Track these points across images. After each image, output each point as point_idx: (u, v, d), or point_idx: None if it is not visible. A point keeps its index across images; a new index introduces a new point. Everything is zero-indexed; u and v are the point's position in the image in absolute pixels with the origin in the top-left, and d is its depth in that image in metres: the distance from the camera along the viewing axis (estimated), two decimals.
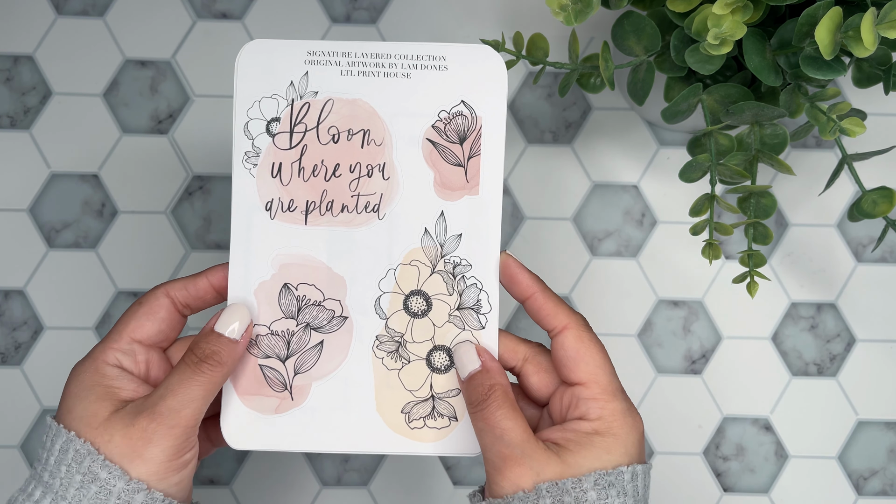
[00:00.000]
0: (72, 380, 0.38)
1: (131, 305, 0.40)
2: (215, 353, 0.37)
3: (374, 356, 0.40)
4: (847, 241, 0.55)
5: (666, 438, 0.54)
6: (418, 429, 0.40)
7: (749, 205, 0.42)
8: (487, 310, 0.41)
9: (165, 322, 0.39)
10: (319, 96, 0.40)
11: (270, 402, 0.40)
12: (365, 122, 0.40)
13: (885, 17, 0.34)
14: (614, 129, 0.55)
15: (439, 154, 0.40)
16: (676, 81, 0.45)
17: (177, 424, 0.36)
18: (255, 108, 0.40)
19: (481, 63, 0.40)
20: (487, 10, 0.56)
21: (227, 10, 0.56)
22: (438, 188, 0.40)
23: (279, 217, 0.40)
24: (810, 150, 0.55)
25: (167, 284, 0.40)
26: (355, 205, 0.40)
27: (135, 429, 0.36)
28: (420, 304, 0.41)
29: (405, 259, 0.40)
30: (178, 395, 0.36)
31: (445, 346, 0.41)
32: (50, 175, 0.55)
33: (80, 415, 0.36)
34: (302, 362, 0.40)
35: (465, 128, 0.40)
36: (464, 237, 0.40)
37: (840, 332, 0.55)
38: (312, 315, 0.40)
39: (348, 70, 0.40)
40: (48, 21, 0.55)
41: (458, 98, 0.40)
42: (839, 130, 0.39)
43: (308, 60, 0.40)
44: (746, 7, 0.37)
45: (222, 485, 0.54)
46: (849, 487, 0.54)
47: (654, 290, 0.55)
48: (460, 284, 0.40)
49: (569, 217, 0.55)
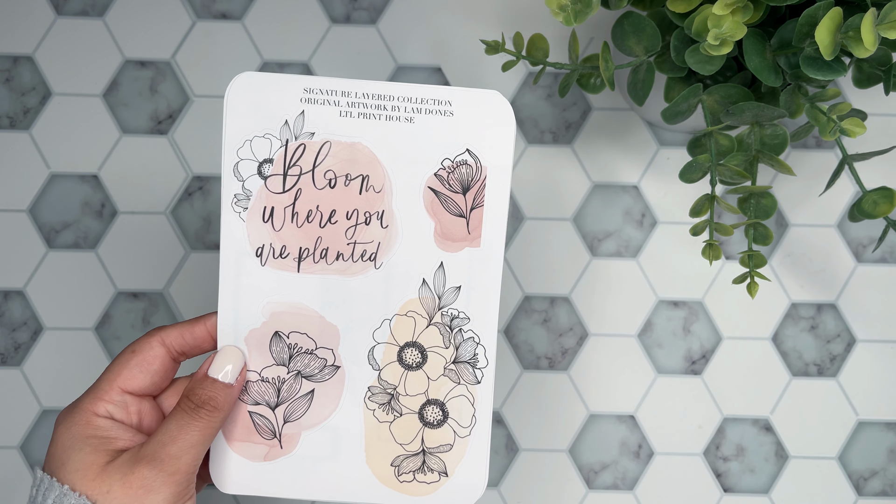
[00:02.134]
0: (61, 431, 0.36)
1: (123, 352, 0.38)
2: (212, 399, 0.37)
3: (366, 407, 0.39)
4: (847, 241, 0.55)
5: (666, 439, 0.54)
6: (407, 482, 0.40)
7: (749, 205, 0.42)
8: (484, 364, 0.39)
9: (159, 374, 0.38)
10: (316, 138, 0.38)
11: (259, 449, 0.39)
12: (364, 168, 0.38)
13: (885, 18, 0.34)
14: (614, 130, 0.55)
15: (441, 203, 0.39)
16: (676, 82, 0.45)
17: (177, 471, 0.35)
18: (247, 147, 0.38)
19: (489, 110, 0.38)
20: (487, 10, 0.56)
21: (226, 10, 0.56)
22: (439, 238, 0.39)
23: (270, 264, 0.39)
24: (810, 150, 0.55)
25: (162, 332, 0.38)
26: (351, 253, 0.39)
27: (135, 477, 0.35)
28: (415, 357, 0.39)
29: (401, 310, 0.39)
30: (178, 441, 0.35)
31: (439, 401, 0.40)
32: (50, 175, 0.55)
33: (74, 467, 0.35)
34: (292, 410, 0.39)
35: (469, 178, 0.39)
36: (463, 289, 0.39)
37: (840, 333, 0.55)
38: (304, 363, 0.39)
39: (348, 111, 0.38)
40: (48, 21, 0.55)
41: (463, 147, 0.38)
42: (839, 131, 0.39)
43: (304, 98, 0.38)
44: (746, 7, 0.37)
45: None
46: (849, 488, 0.54)
47: (654, 291, 0.55)
48: (457, 338, 0.39)
49: (569, 217, 0.55)
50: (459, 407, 0.40)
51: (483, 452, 0.40)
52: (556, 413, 0.54)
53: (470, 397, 0.39)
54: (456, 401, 0.40)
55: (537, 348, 0.54)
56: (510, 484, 0.54)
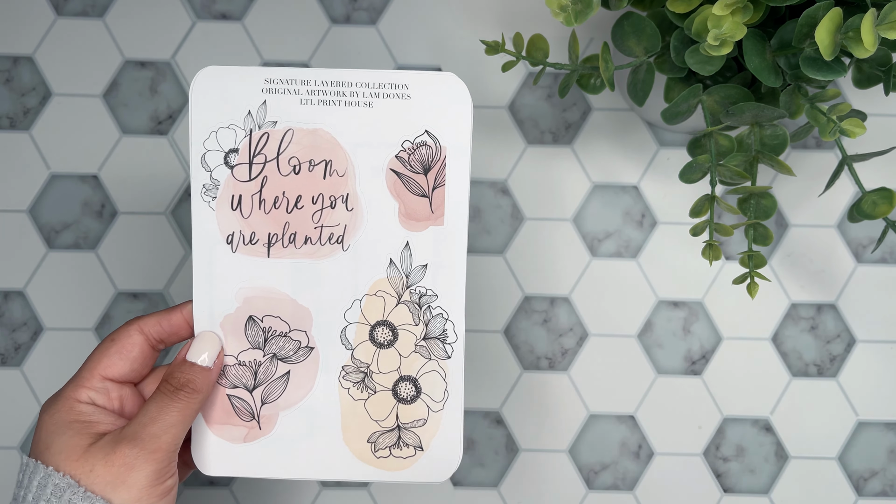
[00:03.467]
0: (45, 418, 0.38)
1: (103, 341, 0.40)
2: (190, 381, 0.38)
3: (341, 386, 0.41)
4: (847, 241, 0.55)
5: (666, 439, 0.54)
6: (384, 458, 0.41)
7: (749, 205, 0.42)
8: (454, 339, 0.40)
9: (138, 360, 0.39)
10: (279, 126, 0.39)
11: (239, 431, 0.40)
12: (327, 153, 0.39)
13: (885, 18, 0.34)
14: (614, 130, 0.55)
15: (403, 185, 0.40)
16: (676, 82, 0.45)
17: (158, 449, 0.36)
18: (212, 138, 0.39)
19: (445, 91, 0.39)
20: (487, 11, 0.56)
21: (226, 10, 0.56)
22: (403, 219, 0.40)
23: (241, 250, 0.40)
24: (810, 150, 0.55)
25: (140, 321, 0.40)
26: (319, 236, 0.40)
27: (116, 456, 0.36)
28: (386, 335, 0.40)
29: (371, 290, 0.40)
30: (157, 422, 0.37)
31: (412, 377, 0.41)
32: (50, 176, 0.55)
33: (58, 449, 0.36)
34: (269, 392, 0.40)
35: (430, 158, 0.40)
36: (429, 267, 0.40)
37: (840, 333, 0.55)
38: (279, 346, 0.40)
39: (308, 99, 0.39)
40: (48, 22, 0.55)
41: (421, 128, 0.39)
42: (839, 131, 0.39)
43: (266, 89, 0.39)
44: (746, 8, 0.37)
45: (222, 485, 0.54)
46: (849, 488, 0.54)
47: (654, 291, 0.55)
48: (426, 314, 0.40)
49: (569, 218, 0.55)
50: (432, 382, 0.41)
51: (457, 425, 0.41)
52: (556, 413, 0.54)
53: (441, 372, 0.41)
54: (428, 376, 0.41)
55: (537, 348, 0.54)
56: (510, 484, 0.54)
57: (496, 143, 0.55)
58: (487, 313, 0.54)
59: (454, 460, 0.41)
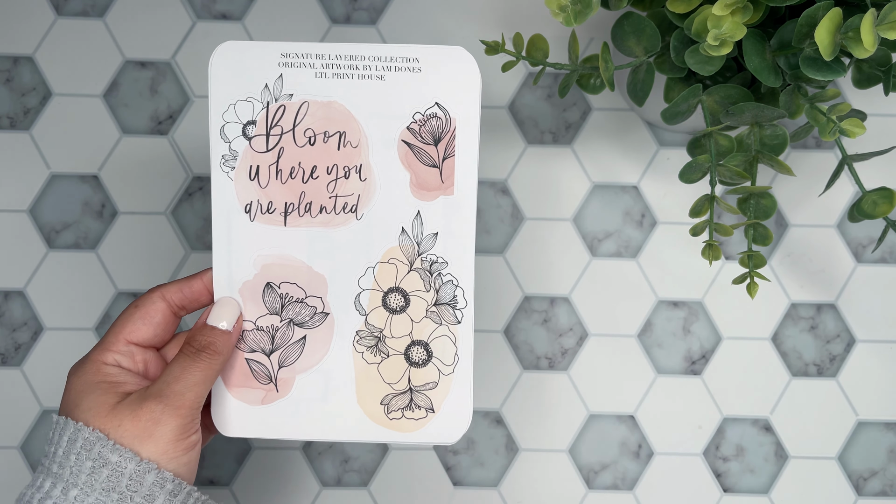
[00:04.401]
0: (73, 379, 0.39)
1: (127, 308, 0.41)
2: (211, 344, 0.40)
3: (355, 350, 0.42)
4: (847, 241, 0.55)
5: (666, 439, 0.54)
6: (396, 419, 0.42)
7: (749, 205, 0.42)
8: (463, 305, 0.42)
9: (161, 326, 0.41)
10: (294, 98, 0.41)
11: (257, 393, 0.42)
12: (341, 125, 0.41)
13: (884, 18, 0.34)
14: (614, 130, 0.55)
15: (415, 155, 0.41)
16: (676, 82, 0.45)
17: (182, 405, 0.38)
18: (231, 111, 0.41)
19: (455, 65, 0.40)
20: (487, 11, 0.56)
21: (227, 10, 0.56)
22: (414, 189, 0.41)
23: (259, 219, 0.41)
24: (810, 150, 0.55)
25: (162, 288, 0.41)
26: (333, 206, 0.41)
27: (143, 411, 0.37)
28: (398, 301, 0.42)
29: (383, 257, 0.41)
30: (181, 380, 0.38)
31: (423, 341, 0.42)
32: (50, 176, 0.55)
33: (87, 406, 0.38)
34: (286, 356, 0.42)
35: (440, 129, 0.41)
36: (440, 236, 0.41)
37: (840, 333, 0.55)
38: (295, 311, 0.42)
39: (322, 72, 0.40)
40: (48, 22, 0.55)
41: (432, 100, 0.41)
42: (839, 131, 0.39)
43: (282, 62, 0.40)
44: (746, 8, 0.37)
45: (222, 485, 0.54)
46: (849, 488, 0.54)
47: (654, 291, 0.55)
48: (437, 281, 0.42)
49: (569, 218, 0.55)
50: (442, 346, 0.42)
51: (467, 388, 0.42)
52: (556, 413, 0.54)
53: (452, 336, 0.42)
54: (439, 340, 0.42)
55: (537, 348, 0.54)
56: (510, 484, 0.54)
57: (496, 143, 0.55)
58: (487, 313, 0.54)
59: (464, 422, 0.42)
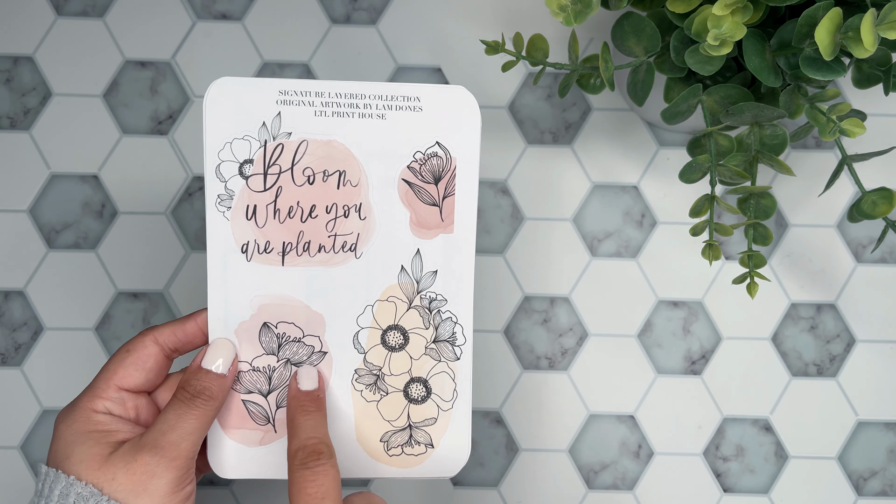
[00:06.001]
0: (62, 428, 0.38)
1: (118, 352, 0.40)
2: (206, 389, 0.39)
3: (354, 389, 0.41)
4: (847, 241, 0.55)
5: (666, 439, 0.54)
6: (396, 455, 0.42)
7: (749, 205, 0.42)
8: (462, 342, 0.42)
9: (153, 371, 0.40)
10: (293, 137, 0.40)
11: (255, 434, 0.41)
12: (340, 164, 0.40)
13: (884, 18, 0.34)
14: (614, 130, 0.55)
15: (415, 194, 0.41)
16: (676, 82, 0.45)
17: (178, 457, 0.37)
18: (227, 149, 0.40)
19: (455, 104, 0.40)
20: (487, 11, 0.56)
21: (227, 10, 0.56)
22: (414, 227, 0.41)
23: (256, 259, 0.40)
24: (810, 150, 0.55)
25: (155, 330, 0.40)
26: (332, 244, 0.41)
27: (138, 464, 0.36)
28: (398, 339, 0.41)
29: (382, 295, 0.41)
30: (176, 429, 0.37)
31: (422, 378, 0.42)
32: (50, 176, 0.55)
33: (79, 459, 0.36)
34: (284, 396, 0.41)
35: (440, 168, 0.41)
36: (439, 273, 0.41)
37: (840, 333, 0.55)
38: (292, 351, 0.41)
39: (322, 110, 0.40)
40: (48, 22, 0.55)
41: (432, 139, 0.40)
42: (839, 131, 0.39)
43: (280, 100, 0.39)
44: (746, 8, 0.37)
45: (222, 485, 0.54)
46: (849, 488, 0.54)
47: (654, 291, 0.55)
48: (436, 318, 0.41)
49: (569, 218, 0.55)
50: (441, 383, 0.42)
51: (465, 423, 0.42)
52: (556, 413, 0.54)
53: (451, 373, 0.42)
54: (438, 377, 0.42)
55: (537, 348, 0.54)
56: (510, 484, 0.54)
57: (496, 143, 0.55)
58: (487, 313, 0.54)
59: (463, 456, 0.42)
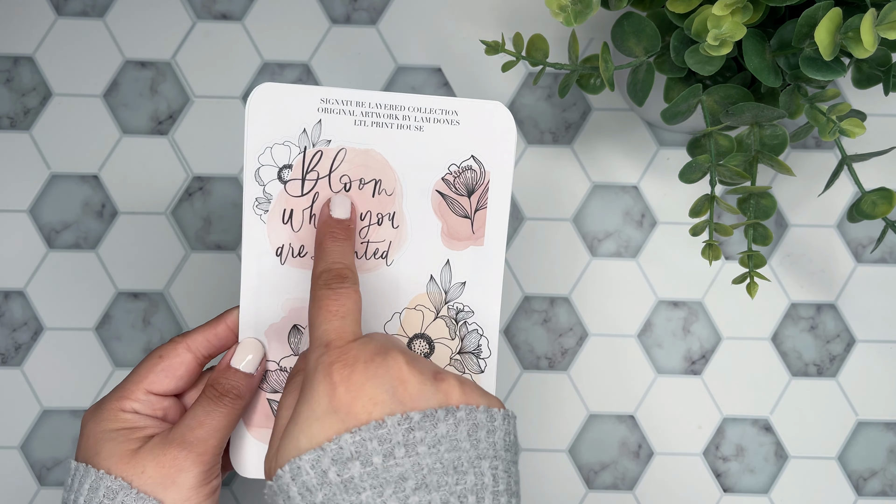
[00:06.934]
0: (91, 426, 0.39)
1: (149, 356, 0.41)
2: (234, 388, 0.39)
3: None
4: (847, 241, 0.55)
5: (666, 439, 0.54)
6: None
7: (749, 205, 0.42)
8: (487, 355, 0.42)
9: (184, 378, 0.40)
10: (332, 145, 0.40)
11: None
12: (377, 173, 0.41)
13: (884, 18, 0.34)
14: (614, 130, 0.55)
15: (448, 206, 0.41)
16: (676, 82, 0.45)
17: (205, 452, 0.38)
18: (267, 154, 0.40)
19: (492, 119, 0.41)
20: (487, 11, 0.56)
21: (227, 10, 0.56)
22: (445, 238, 0.41)
23: (289, 262, 0.41)
24: (810, 150, 0.55)
25: (187, 337, 0.41)
26: (364, 251, 0.41)
27: (167, 458, 0.37)
28: (423, 347, 0.42)
29: (411, 304, 0.41)
30: (205, 426, 0.38)
31: None
32: (50, 176, 0.55)
33: (108, 454, 0.37)
34: None
35: (474, 182, 0.41)
36: (468, 285, 0.41)
37: (840, 333, 0.55)
38: None
39: (362, 120, 0.40)
40: (48, 22, 0.55)
41: (468, 153, 0.41)
42: (839, 131, 0.39)
43: (321, 108, 0.40)
44: (746, 8, 0.37)
45: (222, 485, 0.54)
46: (848, 488, 0.54)
47: (654, 291, 0.55)
48: (462, 330, 0.42)
49: (569, 217, 0.55)
50: None
51: None
52: (556, 413, 0.54)
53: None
54: None
55: (537, 348, 0.54)
56: None
57: None
58: None
59: None
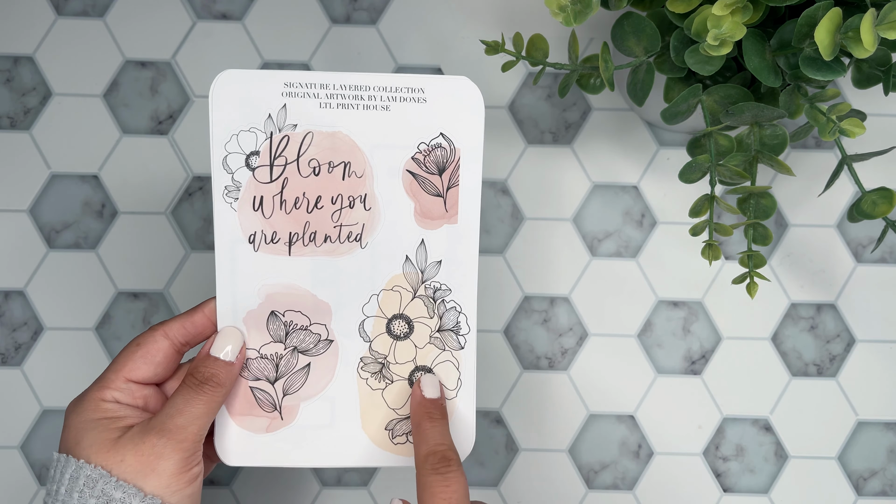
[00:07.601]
0: (72, 417, 0.39)
1: (128, 345, 0.41)
2: (214, 376, 0.39)
3: (359, 377, 0.42)
4: (847, 241, 0.55)
5: (666, 439, 0.54)
6: (401, 444, 0.42)
7: (749, 205, 0.42)
8: (466, 331, 0.42)
9: (162, 365, 0.41)
10: (298, 129, 0.40)
11: (261, 421, 0.42)
12: (345, 155, 0.41)
13: (884, 18, 0.34)
14: (614, 130, 0.55)
15: (419, 185, 0.41)
16: (676, 82, 0.45)
17: (185, 439, 0.38)
18: (234, 141, 0.40)
19: (459, 95, 0.40)
20: (487, 11, 0.56)
21: (227, 10, 0.56)
22: (419, 217, 0.41)
23: (263, 249, 0.41)
24: (810, 150, 0.55)
25: (165, 325, 0.41)
26: (338, 235, 0.41)
27: (146, 445, 0.37)
28: (402, 328, 0.42)
29: (387, 285, 0.42)
30: (184, 413, 0.38)
31: (427, 367, 0.42)
32: (50, 176, 0.55)
33: (88, 443, 0.38)
34: (290, 384, 0.42)
35: (444, 159, 0.41)
36: (443, 263, 0.42)
37: (840, 333, 0.55)
38: (299, 339, 0.42)
39: (327, 102, 0.40)
40: (48, 22, 0.55)
41: (436, 131, 0.41)
42: (839, 131, 0.39)
43: (285, 92, 0.40)
44: (746, 8, 0.37)
45: (222, 485, 0.54)
46: (848, 488, 0.54)
47: (654, 291, 0.55)
48: (440, 308, 0.42)
49: (569, 217, 0.55)
50: (445, 371, 0.42)
51: (470, 411, 0.42)
52: (556, 413, 0.54)
53: (455, 362, 0.42)
54: (442, 366, 0.42)
55: (537, 348, 0.54)
56: (510, 484, 0.54)
57: (496, 143, 0.55)
58: (487, 313, 0.54)
59: (468, 444, 0.42)
